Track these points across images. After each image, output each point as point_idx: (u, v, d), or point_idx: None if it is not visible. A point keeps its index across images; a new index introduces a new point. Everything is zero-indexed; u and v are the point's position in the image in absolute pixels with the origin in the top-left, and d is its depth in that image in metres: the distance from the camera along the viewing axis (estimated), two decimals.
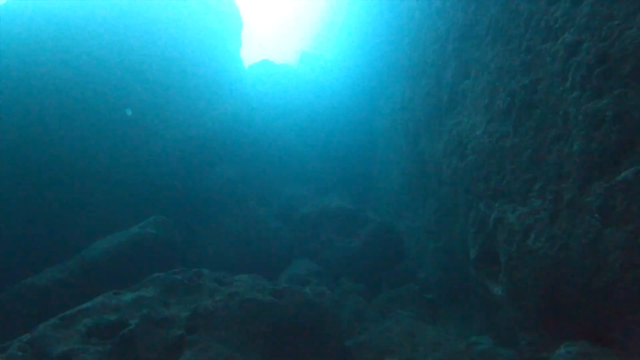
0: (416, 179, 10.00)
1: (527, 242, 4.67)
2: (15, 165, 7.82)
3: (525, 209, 4.81)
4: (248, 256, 9.98)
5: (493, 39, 5.86)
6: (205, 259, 9.58)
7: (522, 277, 4.81)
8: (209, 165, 11.00)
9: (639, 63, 3.36)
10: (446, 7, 7.78)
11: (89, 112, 8.69)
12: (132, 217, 8.08)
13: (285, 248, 10.58)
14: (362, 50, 16.28)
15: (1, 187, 7.54)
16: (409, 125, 10.16)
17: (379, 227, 9.93)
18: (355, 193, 13.99)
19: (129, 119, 9.29)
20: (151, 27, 11.31)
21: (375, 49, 15.00)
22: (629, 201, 3.37)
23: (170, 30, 12.09)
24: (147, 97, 10.01)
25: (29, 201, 7.53)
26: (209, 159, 11.08)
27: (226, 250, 9.87)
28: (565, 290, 4.14)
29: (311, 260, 10.22)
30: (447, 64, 7.78)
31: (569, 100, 4.09)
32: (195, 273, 6.07)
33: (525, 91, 4.81)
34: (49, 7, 10.25)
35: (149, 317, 5.10)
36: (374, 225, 9.97)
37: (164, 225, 7.25)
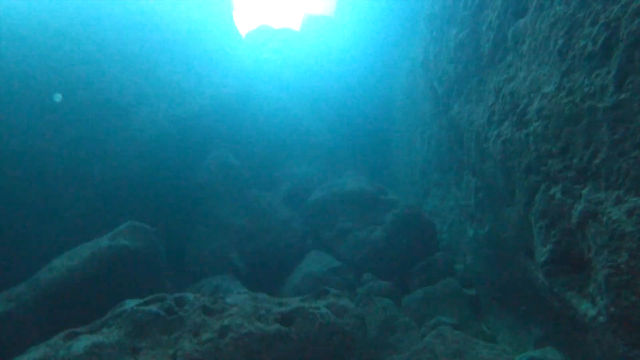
0: (448, 151, 8.35)
1: None
2: None
3: None
4: (254, 253, 8.59)
5: None
6: (203, 261, 8.24)
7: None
8: (203, 149, 9.48)
9: None
10: None
11: (44, 93, 7.13)
12: (108, 222, 6.68)
13: (297, 240, 9.15)
14: (371, 6, 14.31)
15: None
16: (435, 86, 8.42)
17: (406, 211, 8.36)
18: (372, 169, 12.40)
19: (102, 100, 7.74)
20: None
21: (387, 1, 13.04)
22: None
23: None
24: (120, 73, 8.41)
25: None
26: (202, 143, 9.56)
27: (228, 248, 8.47)
28: None
29: (327, 253, 8.78)
30: (487, 3, 6.00)
31: None
32: (175, 301, 4.66)
33: None
34: None
35: None
36: (400, 209, 8.40)
37: (140, 233, 5.82)
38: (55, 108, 7.17)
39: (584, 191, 3.83)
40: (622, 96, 3.30)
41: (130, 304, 4.60)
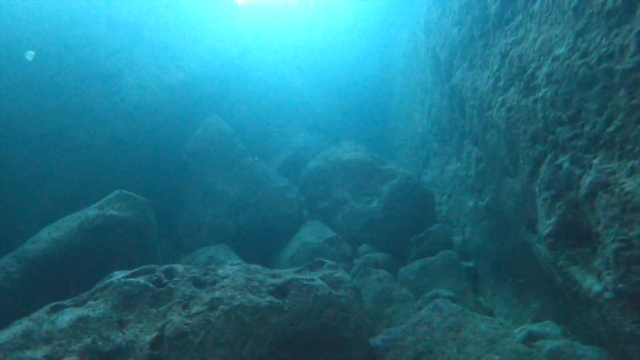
0: (449, 120, 8.07)
1: None
2: None
3: None
4: (249, 223, 8.43)
5: None
6: (197, 232, 8.10)
7: None
8: (196, 116, 9.16)
9: None
10: None
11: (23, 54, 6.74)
12: (96, 191, 6.45)
13: (293, 211, 8.97)
14: None
15: None
16: (437, 51, 8.05)
17: (405, 182, 8.15)
18: (371, 139, 12.12)
19: (89, 64, 7.34)
20: None
21: None
22: None
23: None
24: (107, 36, 7.98)
25: None
26: (195, 110, 9.22)
27: (222, 218, 8.30)
28: None
29: (324, 224, 8.63)
30: None
31: None
32: (164, 272, 4.50)
33: None
34: None
35: (93, 350, 3.59)
36: (398, 180, 8.19)
37: (129, 202, 5.60)
38: (39, 73, 6.80)
39: (595, 161, 3.61)
40: None
41: (118, 275, 4.44)
